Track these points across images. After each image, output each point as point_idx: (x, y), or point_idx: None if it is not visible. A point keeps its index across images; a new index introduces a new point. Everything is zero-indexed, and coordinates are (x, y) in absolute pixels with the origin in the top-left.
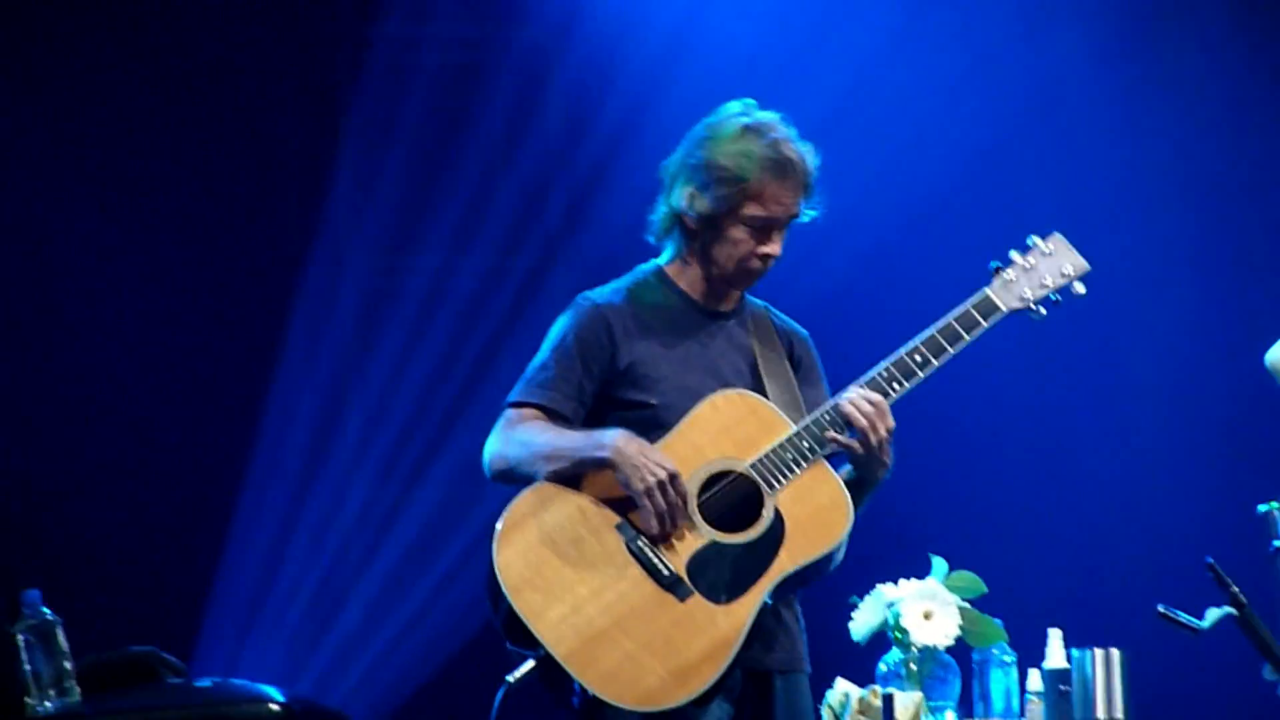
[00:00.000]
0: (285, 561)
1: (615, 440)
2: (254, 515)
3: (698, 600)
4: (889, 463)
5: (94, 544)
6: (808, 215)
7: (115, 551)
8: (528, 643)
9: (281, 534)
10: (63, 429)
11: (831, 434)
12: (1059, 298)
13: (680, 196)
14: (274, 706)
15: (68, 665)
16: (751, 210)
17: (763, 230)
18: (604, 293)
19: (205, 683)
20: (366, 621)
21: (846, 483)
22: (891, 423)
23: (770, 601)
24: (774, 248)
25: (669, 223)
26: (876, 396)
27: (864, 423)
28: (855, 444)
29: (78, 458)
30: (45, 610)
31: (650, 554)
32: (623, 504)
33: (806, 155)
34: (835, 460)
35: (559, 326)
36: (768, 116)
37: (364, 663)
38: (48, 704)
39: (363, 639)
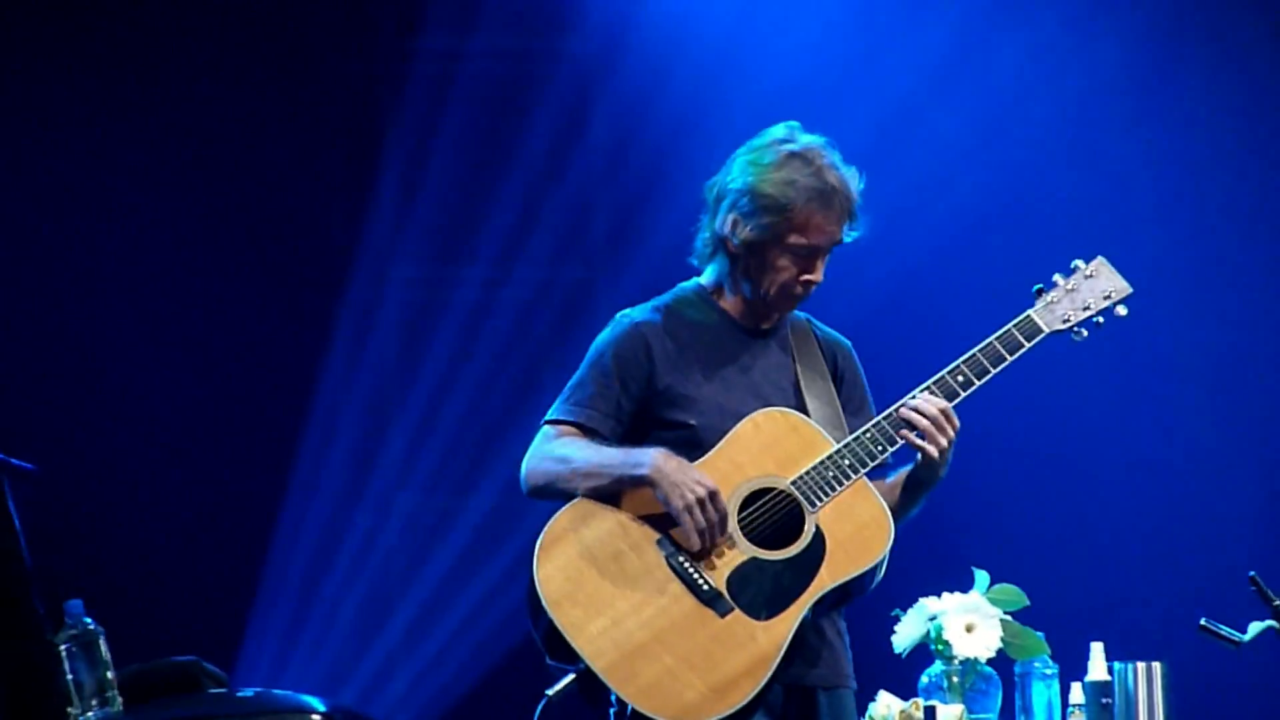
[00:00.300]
0: (328, 572)
1: (655, 458)
2: (297, 525)
3: (738, 616)
4: (949, 462)
5: (137, 553)
6: (850, 237)
7: (158, 561)
8: (568, 657)
9: (325, 544)
10: (107, 438)
11: (908, 434)
12: (1102, 319)
13: (724, 222)
14: (316, 716)
15: (110, 675)
16: (795, 239)
17: (806, 258)
18: (644, 311)
19: (248, 692)
20: (409, 633)
21: (906, 483)
22: (958, 423)
23: (810, 618)
24: (817, 275)
25: (712, 246)
26: (941, 401)
27: (929, 425)
28: (929, 446)
29: (121, 467)
30: (88, 620)
31: (690, 570)
32: (662, 520)
33: (850, 181)
34: (896, 460)
35: (597, 345)
36: (812, 141)
37: (406, 675)
38: (90, 714)
39: (405, 650)
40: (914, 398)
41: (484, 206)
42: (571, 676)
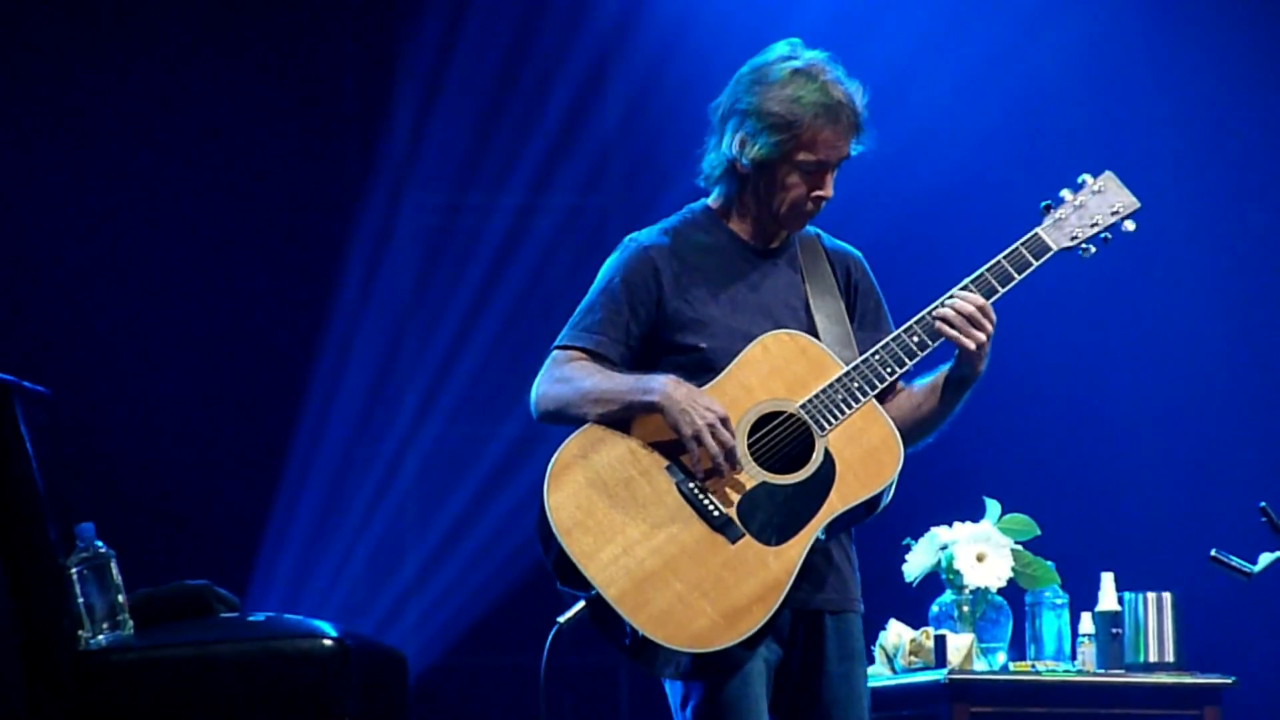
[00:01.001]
0: (341, 499)
1: (664, 385)
2: (311, 452)
3: (748, 542)
4: (987, 358)
5: (149, 477)
6: (856, 151)
7: (171, 485)
8: (579, 584)
9: (339, 471)
10: (120, 363)
11: (941, 325)
12: (1109, 235)
13: (731, 143)
14: (328, 641)
15: (121, 599)
16: (804, 156)
17: (815, 174)
18: (651, 234)
19: (259, 617)
20: (422, 560)
21: (947, 381)
22: (995, 316)
23: (822, 539)
24: (826, 190)
25: (719, 167)
26: (979, 297)
27: (964, 321)
28: (964, 339)
29: (134, 391)
30: (99, 543)
31: (701, 496)
32: (673, 447)
33: (855, 95)
34: (932, 361)
35: (606, 269)
36: (815, 57)
37: (420, 601)
38: (101, 637)
39: (419, 578)
40: (941, 304)
41: (508, 133)
42: (582, 604)
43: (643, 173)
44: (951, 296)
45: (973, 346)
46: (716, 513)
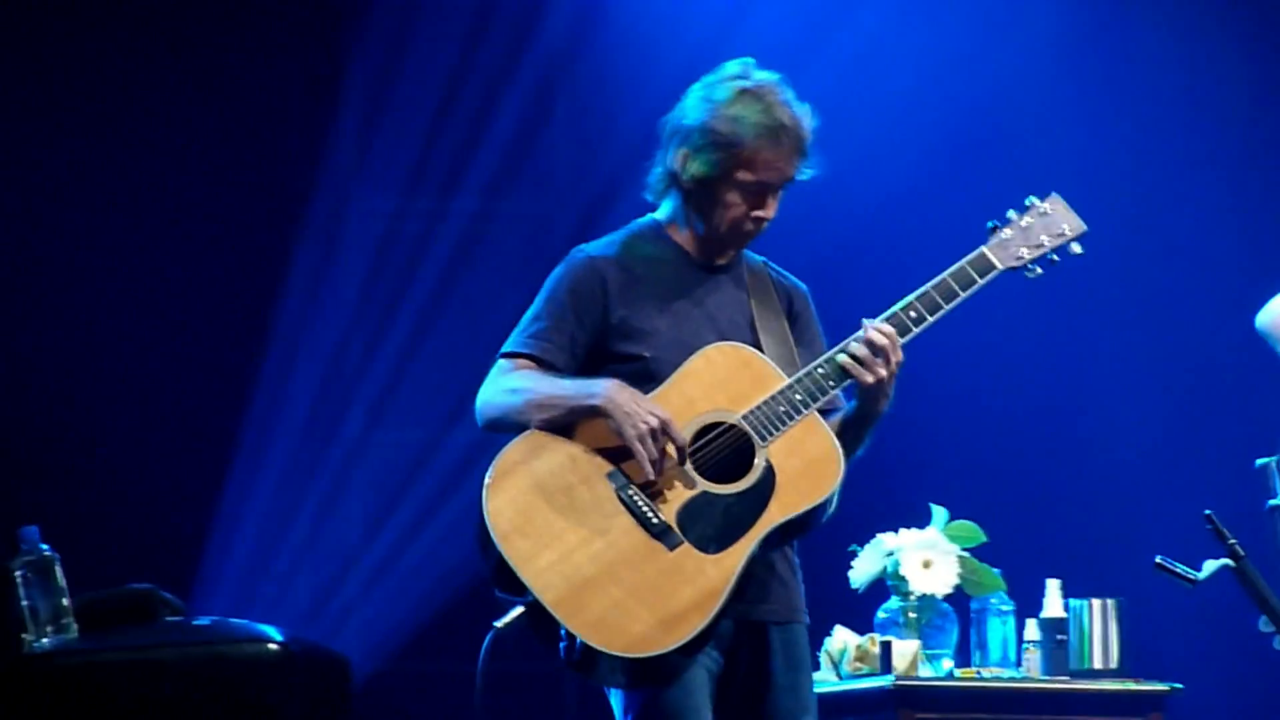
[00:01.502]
0: (287, 503)
1: (607, 389)
2: (257, 457)
3: (687, 550)
4: (891, 397)
5: (93, 480)
6: (806, 174)
7: (116, 488)
8: (516, 589)
9: (285, 475)
10: (64, 364)
11: (849, 362)
12: (1056, 257)
13: (675, 158)
14: (273, 645)
15: (65, 602)
16: (744, 175)
17: (756, 194)
18: (599, 245)
19: (204, 621)
20: (366, 566)
21: (849, 419)
22: (901, 356)
23: (760, 552)
24: (768, 211)
25: (665, 181)
26: (890, 329)
27: (868, 354)
28: (866, 374)
29: (78, 394)
30: (44, 546)
31: (641, 503)
32: (615, 453)
33: (803, 118)
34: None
35: (553, 279)
36: (765, 78)
37: (363, 606)
38: (45, 640)
39: (363, 584)
40: (864, 330)
41: (456, 139)
42: (520, 609)
43: (590, 181)
44: (865, 330)
45: (870, 380)
46: (655, 520)
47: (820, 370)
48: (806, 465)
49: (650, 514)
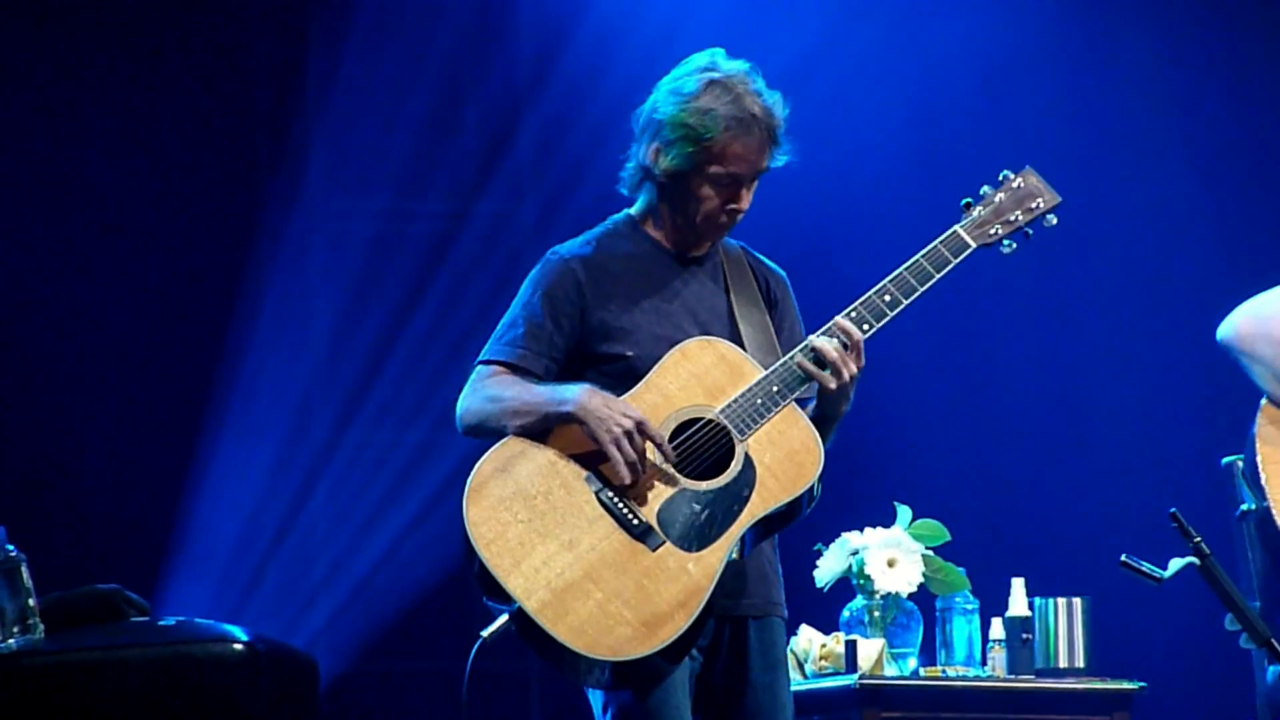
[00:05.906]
0: (252, 503)
1: (578, 395)
2: (223, 457)
3: (669, 549)
4: (851, 398)
5: (59, 482)
6: (780, 162)
7: (81, 489)
8: (501, 598)
9: (250, 476)
10: (29, 365)
11: (809, 366)
12: (1030, 231)
13: (647, 152)
14: (238, 645)
15: (31, 602)
16: (715, 168)
17: (729, 186)
18: (573, 246)
19: (169, 621)
20: (334, 566)
21: (812, 420)
22: (862, 360)
23: (743, 547)
24: (741, 203)
25: (638, 175)
26: (855, 332)
27: (837, 358)
28: (828, 379)
29: (43, 394)
30: (10, 547)
31: (621, 504)
32: (592, 457)
33: (774, 108)
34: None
35: (528, 283)
36: (734, 69)
37: (332, 605)
38: (11, 641)
39: (331, 582)
40: (828, 327)
41: (426, 139)
42: (505, 618)
43: (564, 181)
44: (830, 326)
45: (833, 386)
46: (636, 521)
47: (795, 360)
48: (786, 456)
49: (631, 515)
